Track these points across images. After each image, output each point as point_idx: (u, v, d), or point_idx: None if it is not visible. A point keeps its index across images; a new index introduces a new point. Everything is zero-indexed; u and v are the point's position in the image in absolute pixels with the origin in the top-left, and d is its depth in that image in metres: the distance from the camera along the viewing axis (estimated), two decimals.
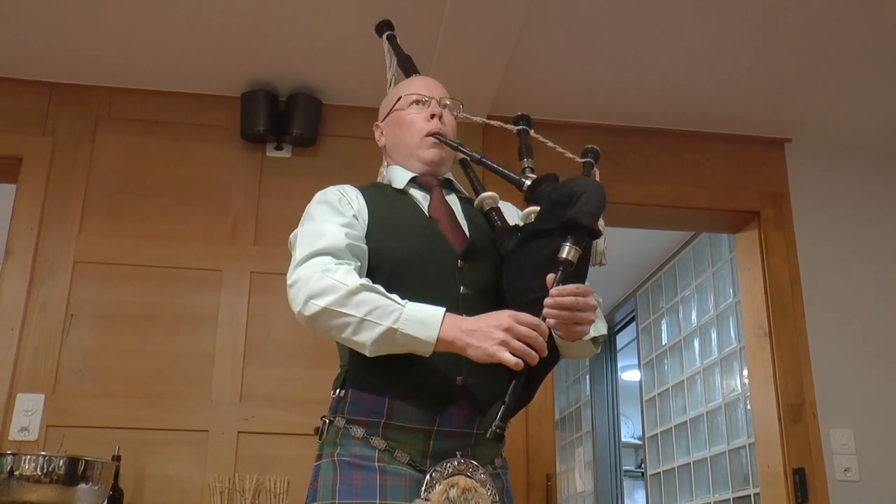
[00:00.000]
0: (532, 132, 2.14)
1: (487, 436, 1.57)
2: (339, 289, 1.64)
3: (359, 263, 1.76)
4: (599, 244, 1.97)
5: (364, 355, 1.67)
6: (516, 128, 2.16)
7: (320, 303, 1.65)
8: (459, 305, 1.71)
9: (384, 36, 2.34)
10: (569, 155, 2.11)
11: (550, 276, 1.64)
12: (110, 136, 3.34)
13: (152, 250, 3.21)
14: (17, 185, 3.19)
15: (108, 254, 3.18)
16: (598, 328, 1.77)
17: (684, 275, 4.99)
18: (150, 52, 3.18)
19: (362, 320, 1.63)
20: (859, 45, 3.10)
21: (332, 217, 1.83)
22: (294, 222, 3.20)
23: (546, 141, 2.12)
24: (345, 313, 1.63)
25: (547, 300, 1.62)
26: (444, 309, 1.64)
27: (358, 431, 1.70)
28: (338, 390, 1.77)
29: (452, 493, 1.60)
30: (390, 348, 1.64)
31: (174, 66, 3.27)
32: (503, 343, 1.57)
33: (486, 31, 2.89)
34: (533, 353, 1.57)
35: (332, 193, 1.90)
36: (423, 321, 1.61)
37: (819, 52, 3.14)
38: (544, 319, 1.62)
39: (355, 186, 1.95)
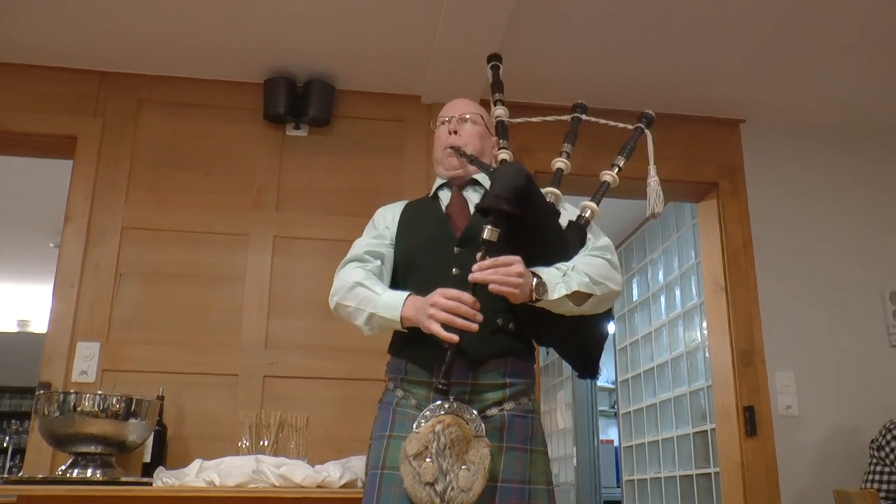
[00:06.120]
0: (584, 117, 2.25)
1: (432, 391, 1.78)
2: (344, 286, 1.93)
3: (378, 262, 2.00)
4: (651, 198, 2.16)
5: (398, 332, 1.91)
6: (570, 115, 2.27)
7: (336, 298, 1.96)
8: (451, 285, 1.80)
9: (490, 65, 2.42)
10: (621, 126, 2.25)
11: (479, 255, 1.77)
12: (152, 117, 3.39)
13: (188, 217, 3.26)
14: (74, 160, 3.25)
15: (150, 220, 3.24)
16: (562, 287, 1.81)
17: (652, 239, 5.08)
18: (186, 44, 3.21)
19: (356, 308, 1.89)
20: (805, 38, 3.14)
21: (368, 232, 2.11)
22: (310, 192, 3.39)
23: (598, 120, 2.27)
24: (347, 305, 1.92)
25: (470, 276, 1.75)
26: (407, 293, 1.84)
27: (390, 385, 1.94)
28: (389, 357, 2.01)
29: (438, 427, 1.74)
30: (379, 328, 1.89)
31: (206, 57, 3.30)
32: (431, 316, 1.73)
33: (479, 22, 2.90)
34: (458, 319, 1.70)
35: (377, 213, 2.16)
36: (391, 305, 1.84)
37: (770, 43, 3.18)
38: (475, 291, 1.73)
39: (405, 201, 2.17)
